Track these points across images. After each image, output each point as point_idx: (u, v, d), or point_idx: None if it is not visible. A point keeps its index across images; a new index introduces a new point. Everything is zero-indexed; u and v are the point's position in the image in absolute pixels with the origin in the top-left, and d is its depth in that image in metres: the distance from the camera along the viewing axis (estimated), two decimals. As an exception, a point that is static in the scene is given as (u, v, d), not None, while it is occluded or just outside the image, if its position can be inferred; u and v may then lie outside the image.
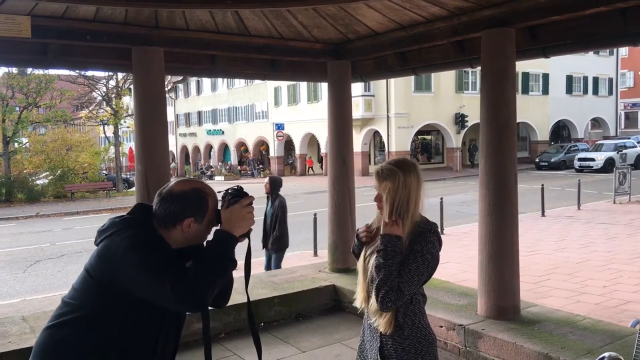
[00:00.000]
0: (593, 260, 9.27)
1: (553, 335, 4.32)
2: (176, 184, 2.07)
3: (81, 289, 1.99)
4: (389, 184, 2.37)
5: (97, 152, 30.73)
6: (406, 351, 2.38)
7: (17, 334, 4.61)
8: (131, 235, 1.94)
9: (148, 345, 2.00)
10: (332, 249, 6.54)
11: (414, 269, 2.32)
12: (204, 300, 1.91)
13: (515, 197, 4.75)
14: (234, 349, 4.87)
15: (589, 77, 38.86)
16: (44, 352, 1.98)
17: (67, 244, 13.85)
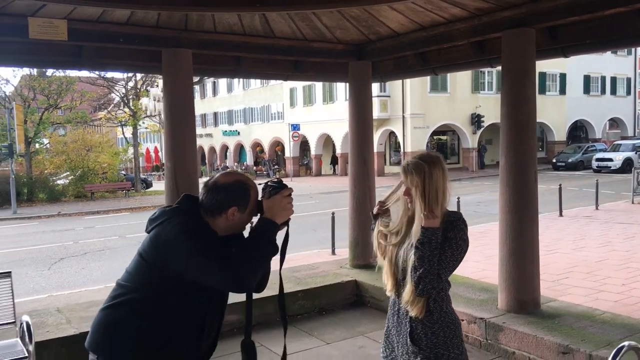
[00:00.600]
0: (611, 260, 9.28)
1: (573, 328, 4.42)
2: (221, 176, 2.24)
3: (135, 272, 2.16)
4: (417, 177, 2.50)
5: (116, 152, 31.15)
6: (435, 335, 2.52)
7: (54, 324, 4.81)
8: (181, 222, 2.11)
9: (197, 323, 2.17)
10: (353, 246, 6.68)
11: (450, 255, 2.47)
12: (250, 281, 2.08)
13: (536, 194, 4.86)
14: (260, 340, 5.02)
15: (606, 77, 38.53)
16: (102, 331, 2.15)
17: (90, 242, 14.12)
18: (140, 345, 2.11)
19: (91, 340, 2.17)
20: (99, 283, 9.10)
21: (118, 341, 2.12)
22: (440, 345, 2.52)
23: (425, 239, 2.45)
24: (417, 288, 2.46)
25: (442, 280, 2.48)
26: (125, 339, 2.11)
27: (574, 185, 21.70)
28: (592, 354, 3.93)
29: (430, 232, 2.45)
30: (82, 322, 4.87)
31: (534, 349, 4.31)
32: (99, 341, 2.15)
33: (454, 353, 2.55)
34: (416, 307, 2.50)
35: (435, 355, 2.51)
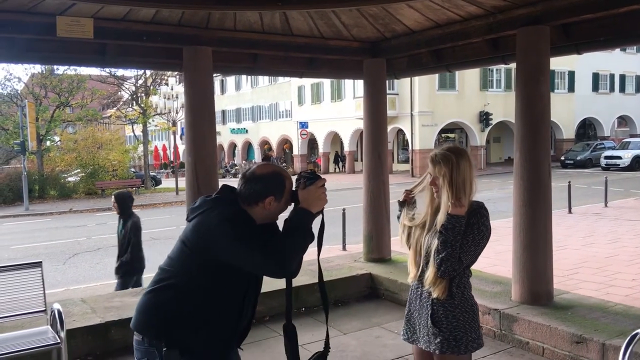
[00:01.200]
0: (621, 255, 9.35)
1: (586, 319, 4.52)
2: (258, 167, 2.38)
3: (177, 257, 2.29)
4: (444, 168, 2.63)
5: (126, 150, 31.41)
6: (456, 318, 2.65)
7: (80, 314, 4.96)
8: (223, 211, 2.24)
9: (235, 305, 2.30)
10: (367, 240, 6.80)
11: (471, 240, 2.60)
12: (289, 267, 2.21)
13: (549, 188, 4.96)
14: (278, 329, 5.12)
15: (615, 74, 38.37)
16: (147, 312, 2.29)
17: (103, 238, 14.29)
18: (183, 325, 2.23)
19: (137, 321, 2.30)
20: (114, 278, 9.27)
21: (162, 322, 2.24)
22: (460, 328, 2.65)
23: (449, 225, 2.58)
24: (438, 270, 2.60)
25: (462, 263, 2.61)
26: (168, 319, 2.24)
27: (583, 182, 21.70)
28: (605, 343, 4.03)
29: (455, 219, 2.58)
30: (107, 312, 5.02)
31: (547, 339, 4.41)
32: (144, 322, 2.28)
33: (471, 337, 2.68)
34: (438, 288, 2.63)
35: (455, 337, 2.64)
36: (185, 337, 2.24)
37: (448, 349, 2.64)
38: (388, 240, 6.89)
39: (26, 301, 4.20)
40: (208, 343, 2.27)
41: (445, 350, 2.64)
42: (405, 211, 2.85)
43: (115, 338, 4.76)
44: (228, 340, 2.35)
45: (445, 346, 2.64)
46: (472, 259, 2.66)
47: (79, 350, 4.52)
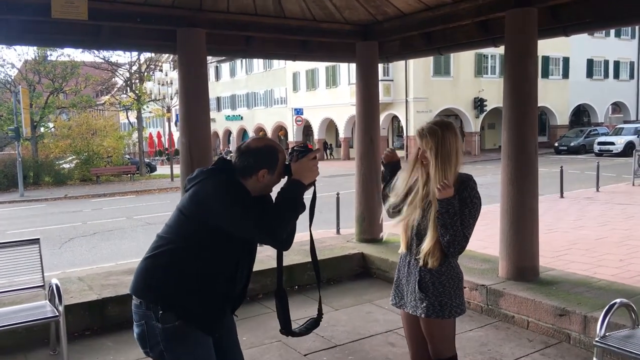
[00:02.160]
0: (611, 238, 9.49)
1: (570, 293, 4.67)
2: (253, 141, 2.48)
3: (174, 225, 2.40)
4: (431, 141, 2.73)
5: (120, 136, 31.36)
6: (442, 284, 2.77)
7: (77, 291, 5.07)
8: (219, 180, 2.35)
9: (229, 271, 2.41)
10: (359, 221, 6.92)
11: (468, 213, 2.72)
12: (281, 234, 2.32)
13: (536, 166, 5.07)
14: (271, 306, 5.22)
15: (609, 60, 38.46)
16: (145, 277, 2.39)
17: (98, 223, 14.36)
18: (180, 289, 2.34)
19: (135, 286, 2.41)
20: (110, 261, 9.37)
21: (160, 286, 2.35)
22: (445, 294, 2.77)
23: (443, 209, 2.69)
24: (448, 251, 2.72)
25: (468, 239, 2.74)
26: (166, 283, 2.35)
27: (576, 168, 21.88)
28: (587, 315, 4.17)
29: (445, 202, 2.68)
30: (104, 289, 5.13)
31: (532, 313, 4.55)
32: (142, 286, 2.39)
33: (455, 302, 2.81)
34: (433, 259, 2.75)
35: (440, 302, 2.76)
36: (181, 300, 2.34)
37: (433, 313, 2.76)
38: (379, 221, 7.00)
39: (24, 277, 4.30)
40: (202, 306, 2.37)
41: (430, 314, 2.76)
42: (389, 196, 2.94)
43: (112, 314, 4.88)
44: (222, 304, 2.46)
45: (430, 310, 2.76)
46: (472, 230, 2.78)
47: (77, 325, 4.63)
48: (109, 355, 4.31)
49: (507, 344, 4.34)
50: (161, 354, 2.38)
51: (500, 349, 4.24)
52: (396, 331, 4.65)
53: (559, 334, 4.35)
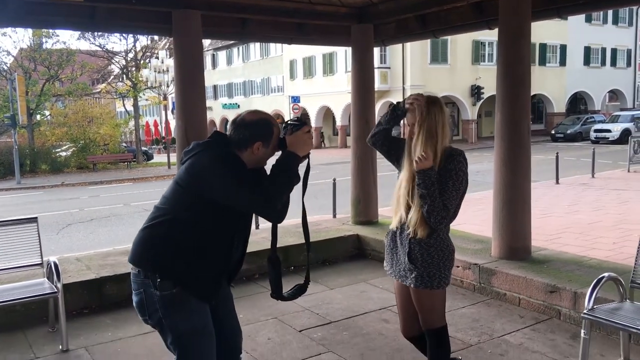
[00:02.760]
0: (604, 222, 9.57)
1: (561, 271, 4.74)
2: (248, 114, 2.51)
3: (171, 196, 2.45)
4: (417, 115, 2.78)
5: (117, 124, 31.29)
6: (431, 256, 2.83)
7: (75, 270, 5.13)
8: (216, 152, 2.39)
9: (225, 242, 2.46)
10: (355, 203, 6.97)
11: (451, 185, 2.77)
12: (275, 204, 2.38)
13: (528, 147, 5.13)
14: (267, 285, 5.31)
15: (607, 48, 38.43)
16: (143, 246, 2.45)
17: (95, 210, 14.40)
18: (176, 258, 2.39)
19: (133, 255, 2.46)
20: (108, 246, 9.40)
21: (157, 255, 2.40)
22: (434, 265, 2.84)
23: (420, 180, 2.75)
24: (429, 221, 2.77)
25: (449, 209, 2.79)
26: (163, 253, 2.40)
27: (572, 155, 21.95)
28: (577, 292, 4.25)
29: (422, 173, 2.75)
30: (101, 269, 5.19)
31: (523, 290, 4.63)
32: (140, 255, 2.44)
33: (444, 274, 2.87)
34: (421, 229, 2.81)
35: (428, 273, 2.83)
36: (178, 269, 2.39)
37: (422, 284, 2.83)
38: (375, 203, 7.06)
39: (23, 255, 4.34)
40: (198, 275, 2.42)
41: (419, 285, 2.83)
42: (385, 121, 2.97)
43: (110, 293, 4.94)
44: (217, 275, 2.52)
45: (419, 281, 2.83)
46: (455, 204, 2.82)
47: (75, 303, 4.69)
48: (107, 331, 4.38)
49: (499, 320, 4.42)
50: (159, 321, 2.44)
51: (492, 325, 4.32)
52: (390, 309, 4.72)
53: (550, 310, 4.43)
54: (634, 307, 3.44)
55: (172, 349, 2.53)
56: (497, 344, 3.98)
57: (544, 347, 3.88)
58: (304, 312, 4.68)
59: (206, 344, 2.52)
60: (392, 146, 3.03)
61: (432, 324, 2.94)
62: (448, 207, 2.77)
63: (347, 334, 4.22)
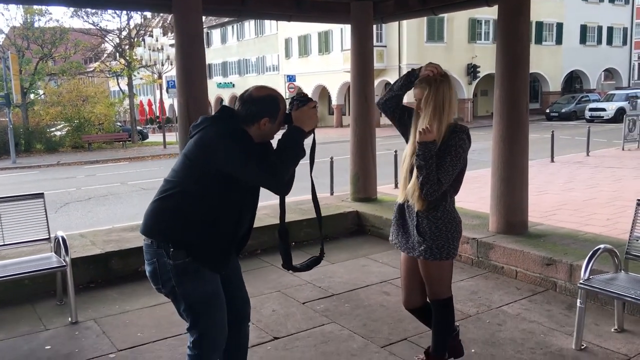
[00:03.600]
0: (599, 199, 9.70)
1: (557, 245, 4.86)
2: (255, 90, 2.57)
3: (180, 170, 2.51)
4: (426, 89, 2.84)
5: (112, 103, 31.11)
6: (439, 229, 2.91)
7: (80, 246, 5.21)
8: (224, 127, 2.45)
9: (234, 213, 2.54)
10: (354, 180, 7.05)
11: (449, 161, 2.83)
12: (282, 177, 2.45)
13: (526, 123, 5.20)
14: (270, 260, 5.47)
15: (603, 26, 38.31)
16: (155, 218, 2.52)
17: (93, 189, 14.42)
18: (187, 228, 2.47)
19: (145, 226, 2.53)
20: (107, 224, 9.46)
21: (168, 226, 2.48)
22: (442, 237, 2.92)
23: (419, 152, 2.82)
24: (422, 192, 2.83)
25: (442, 184, 2.83)
26: (174, 224, 2.48)
27: (567, 134, 22.07)
28: (572, 264, 4.36)
29: (423, 145, 2.81)
30: (106, 244, 5.27)
31: (520, 263, 4.75)
32: (152, 226, 2.51)
33: (453, 245, 2.96)
34: (418, 202, 2.88)
35: (437, 245, 2.92)
36: (190, 239, 2.47)
37: (430, 256, 2.92)
38: (374, 180, 7.15)
39: (30, 230, 4.41)
40: (209, 247, 2.50)
41: (428, 257, 2.92)
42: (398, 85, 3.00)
43: (116, 267, 5.03)
44: (227, 246, 2.59)
45: (428, 253, 2.92)
46: (450, 179, 2.88)
47: (82, 278, 4.78)
48: (115, 304, 4.48)
49: (497, 292, 4.54)
50: (172, 289, 2.52)
51: (490, 297, 4.44)
52: (391, 282, 4.83)
53: (546, 282, 4.55)
54: (628, 278, 3.55)
55: (184, 316, 2.61)
56: (495, 314, 4.10)
57: (541, 317, 4.00)
58: (307, 285, 4.79)
59: (218, 312, 2.61)
60: (402, 114, 3.07)
61: (439, 294, 3.04)
62: (442, 181, 2.82)
63: (349, 306, 4.34)
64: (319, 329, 3.92)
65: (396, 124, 3.12)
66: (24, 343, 3.81)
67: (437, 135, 2.83)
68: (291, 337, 3.81)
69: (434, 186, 2.81)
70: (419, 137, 2.81)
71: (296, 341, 3.74)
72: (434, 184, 2.81)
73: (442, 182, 2.83)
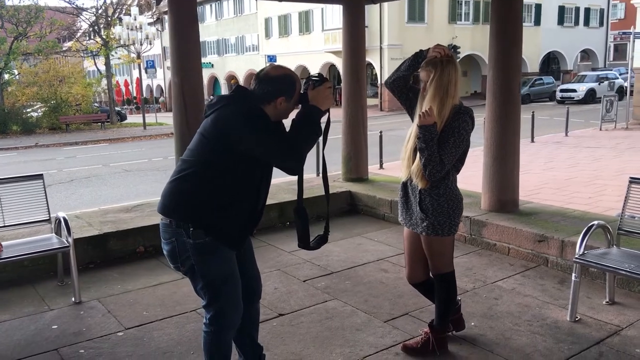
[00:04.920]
0: (579, 178, 9.97)
1: (548, 222, 5.02)
2: (272, 69, 2.60)
3: (198, 149, 2.54)
4: (432, 71, 2.90)
5: (89, 83, 30.52)
6: (441, 206, 3.01)
7: (77, 227, 5.20)
8: (242, 105, 2.48)
9: (252, 192, 2.59)
10: (346, 161, 7.12)
11: (452, 142, 2.90)
12: (302, 156, 2.50)
13: (519, 104, 5.32)
14: (267, 240, 5.55)
15: (580, 7, 38.70)
16: (174, 197, 2.55)
17: (75, 170, 14.25)
18: (207, 209, 2.50)
19: (163, 206, 2.56)
20: (93, 206, 9.40)
21: (188, 205, 2.51)
22: (444, 214, 3.02)
23: (420, 134, 2.89)
24: (425, 173, 2.92)
25: (444, 164, 2.91)
26: (193, 203, 2.51)
27: (546, 114, 22.40)
28: (564, 240, 4.52)
29: (424, 128, 2.88)
30: (103, 225, 5.28)
31: (513, 240, 4.90)
32: (171, 206, 2.54)
33: (455, 222, 3.06)
34: (421, 181, 2.97)
35: (439, 222, 3.02)
36: (209, 219, 2.51)
37: (432, 232, 3.02)
38: (365, 161, 7.23)
39: (30, 211, 4.39)
40: (228, 225, 2.55)
41: (430, 233, 3.03)
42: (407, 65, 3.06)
43: (114, 248, 5.05)
44: (245, 223, 2.65)
45: (430, 229, 3.02)
46: (453, 160, 2.95)
47: (81, 258, 4.76)
48: (116, 284, 4.51)
49: (490, 268, 4.69)
50: (191, 267, 2.57)
51: (485, 272, 4.58)
52: (387, 259, 4.95)
53: (538, 258, 4.71)
54: (620, 252, 3.71)
55: (202, 294, 2.66)
56: (491, 289, 4.24)
57: (535, 292, 4.16)
58: (306, 264, 4.88)
59: (234, 289, 2.67)
60: (409, 94, 3.14)
61: (441, 268, 3.15)
62: (445, 162, 2.89)
63: (350, 283, 4.44)
64: (322, 306, 4.01)
65: (403, 104, 3.19)
66: (30, 323, 3.83)
67: (440, 118, 2.90)
68: (295, 313, 3.90)
69: (436, 167, 2.89)
70: (419, 120, 2.88)
71: (301, 317, 3.84)
72: (436, 164, 2.89)
73: (444, 162, 2.90)
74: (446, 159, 2.90)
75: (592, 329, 3.54)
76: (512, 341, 3.41)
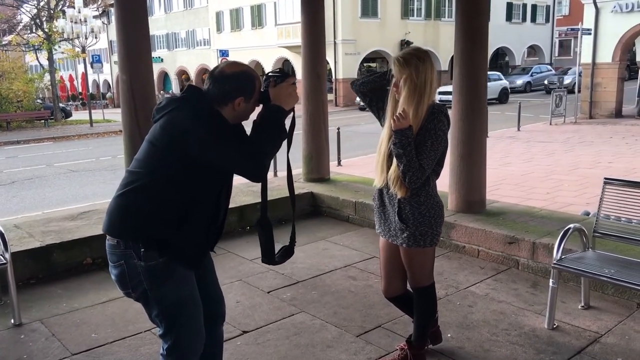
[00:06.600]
0: (536, 173, 10.08)
1: (516, 222, 4.91)
2: (227, 66, 2.30)
3: (146, 158, 2.21)
4: (407, 69, 2.66)
5: (31, 79, 29.07)
6: (422, 215, 2.78)
7: (17, 239, 4.74)
8: (195, 108, 2.18)
9: (210, 204, 2.30)
10: (307, 160, 6.86)
11: (430, 145, 2.67)
12: (265, 163, 2.22)
13: (485, 99, 5.19)
14: (226, 247, 5.23)
15: (527, 4, 39.67)
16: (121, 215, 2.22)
17: (16, 172, 13.50)
18: (160, 225, 2.19)
19: (110, 225, 2.23)
20: (36, 210, 8.85)
21: (138, 223, 2.19)
22: (426, 224, 2.79)
23: (396, 140, 2.64)
24: (405, 181, 2.67)
25: (425, 170, 2.68)
26: (145, 220, 2.19)
27: (497, 109, 22.79)
28: (535, 242, 4.41)
29: (399, 133, 2.63)
30: (45, 236, 4.83)
31: (483, 242, 4.76)
32: (118, 225, 2.22)
33: (436, 231, 2.84)
34: (401, 189, 2.74)
35: (421, 232, 2.79)
36: (162, 237, 2.20)
37: (414, 243, 2.79)
38: (327, 160, 6.99)
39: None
40: (185, 241, 2.25)
41: (411, 244, 2.79)
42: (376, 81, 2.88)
43: (58, 261, 4.63)
44: (204, 238, 2.36)
45: (411, 240, 2.79)
46: (432, 164, 2.73)
47: (21, 274, 4.34)
48: (61, 302, 4.10)
49: (461, 272, 4.53)
50: (144, 293, 2.26)
51: (456, 277, 4.42)
52: (354, 266, 4.73)
53: (508, 261, 4.59)
54: (597, 256, 3.61)
55: (157, 321, 2.36)
56: (464, 295, 4.08)
57: (509, 297, 4.02)
58: (269, 272, 4.59)
59: (193, 315, 2.38)
60: (374, 97, 2.91)
61: (421, 281, 2.94)
62: (424, 167, 2.68)
63: (317, 293, 4.19)
64: (289, 320, 3.75)
65: (370, 107, 2.96)
66: (-39, 352, 3.41)
67: (417, 120, 2.68)
68: (261, 329, 3.63)
69: (416, 173, 2.66)
70: (394, 124, 2.64)
71: (267, 334, 3.56)
72: (416, 170, 2.66)
73: (424, 167, 2.68)
74: (425, 164, 2.68)
75: (571, 337, 3.41)
76: (492, 353, 3.25)
